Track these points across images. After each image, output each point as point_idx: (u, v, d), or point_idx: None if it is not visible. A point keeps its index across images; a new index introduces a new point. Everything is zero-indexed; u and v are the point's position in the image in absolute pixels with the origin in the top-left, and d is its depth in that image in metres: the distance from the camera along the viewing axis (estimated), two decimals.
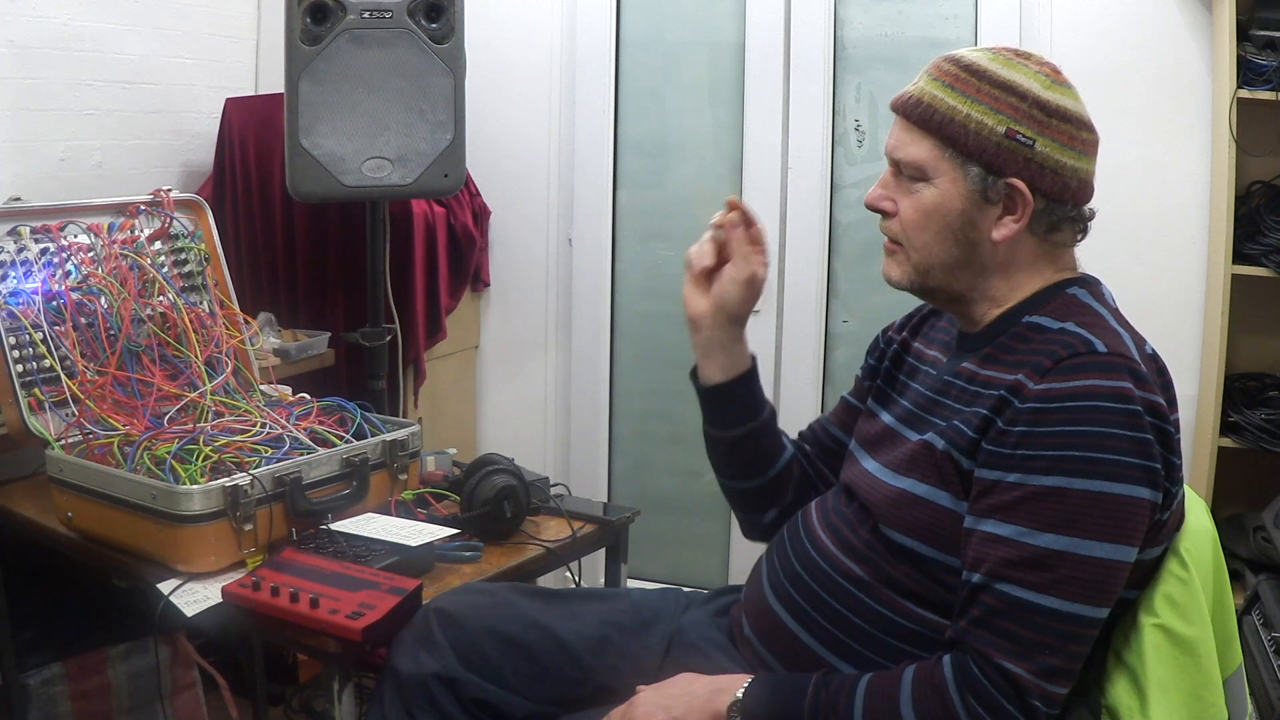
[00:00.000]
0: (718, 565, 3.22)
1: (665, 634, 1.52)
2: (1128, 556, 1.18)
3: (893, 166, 1.35)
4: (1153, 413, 1.18)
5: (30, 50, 2.56)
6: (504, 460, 1.87)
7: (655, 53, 3.15)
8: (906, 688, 1.20)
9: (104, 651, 2.25)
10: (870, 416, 1.50)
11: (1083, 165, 1.30)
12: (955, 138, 1.27)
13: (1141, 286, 2.70)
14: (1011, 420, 1.21)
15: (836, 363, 3.06)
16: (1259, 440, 2.47)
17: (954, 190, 1.28)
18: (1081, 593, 1.16)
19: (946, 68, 1.31)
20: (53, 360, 1.87)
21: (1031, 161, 1.26)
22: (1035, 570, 1.16)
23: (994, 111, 1.26)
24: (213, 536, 1.62)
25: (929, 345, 1.47)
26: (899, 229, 1.34)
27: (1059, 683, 1.17)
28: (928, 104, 1.29)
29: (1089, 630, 1.19)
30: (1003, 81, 1.27)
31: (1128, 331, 1.26)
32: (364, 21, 2.32)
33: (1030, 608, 1.16)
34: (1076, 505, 1.16)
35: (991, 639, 1.17)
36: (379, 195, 2.47)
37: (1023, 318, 1.30)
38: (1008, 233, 1.29)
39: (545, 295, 3.28)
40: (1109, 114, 2.67)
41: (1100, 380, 1.17)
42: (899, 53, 2.90)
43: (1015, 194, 1.27)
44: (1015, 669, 1.16)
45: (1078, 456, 1.16)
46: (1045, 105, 1.27)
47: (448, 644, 1.44)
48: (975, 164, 1.27)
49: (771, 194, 3.01)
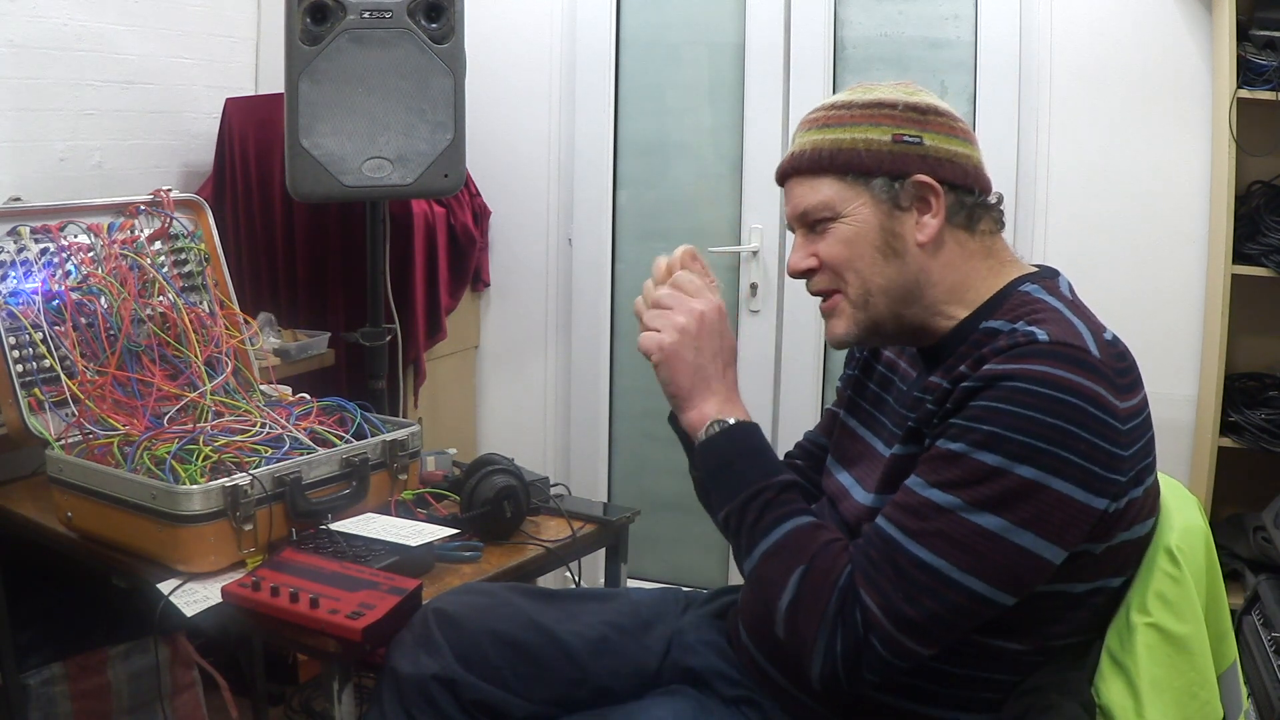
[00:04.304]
0: (718, 565, 3.22)
1: (665, 635, 1.52)
2: (1045, 551, 1.16)
3: (800, 228, 1.37)
4: (1095, 404, 1.15)
5: (30, 50, 2.56)
6: (504, 460, 1.87)
7: (655, 53, 3.15)
8: (810, 562, 1.21)
9: (104, 651, 2.25)
10: (844, 428, 1.50)
11: (972, 152, 1.34)
12: (850, 162, 1.31)
13: (1141, 286, 2.70)
14: (950, 397, 1.21)
15: (836, 363, 3.06)
16: (1259, 440, 2.47)
17: (866, 211, 1.31)
18: (961, 557, 1.15)
19: (813, 116, 1.37)
20: (53, 360, 1.87)
21: (926, 157, 1.30)
22: (914, 518, 1.17)
23: (874, 126, 1.31)
24: (212, 536, 1.62)
25: (899, 355, 1.47)
26: (829, 275, 1.35)
27: (911, 637, 1.16)
28: (812, 150, 1.34)
29: (961, 598, 1.16)
30: (869, 102, 1.33)
31: (1081, 319, 1.24)
32: (364, 21, 2.32)
33: (898, 549, 1.17)
34: (1007, 488, 1.14)
35: (863, 564, 1.19)
36: (379, 195, 2.47)
37: (980, 324, 1.29)
38: (931, 230, 1.30)
39: (545, 295, 3.28)
40: (1109, 114, 2.73)
41: (1040, 366, 1.16)
42: (899, 53, 2.90)
43: (923, 189, 1.30)
44: (868, 599, 1.17)
45: (1016, 440, 1.14)
46: (916, 107, 1.32)
47: (447, 644, 1.44)
48: (877, 177, 1.30)
49: (771, 194, 3.01)
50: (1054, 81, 2.73)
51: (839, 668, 1.18)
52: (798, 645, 1.21)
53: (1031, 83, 2.74)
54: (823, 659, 1.19)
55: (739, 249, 3.07)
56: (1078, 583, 1.23)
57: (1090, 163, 2.73)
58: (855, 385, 1.52)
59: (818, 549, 1.23)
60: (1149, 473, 1.25)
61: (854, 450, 1.45)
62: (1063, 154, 2.74)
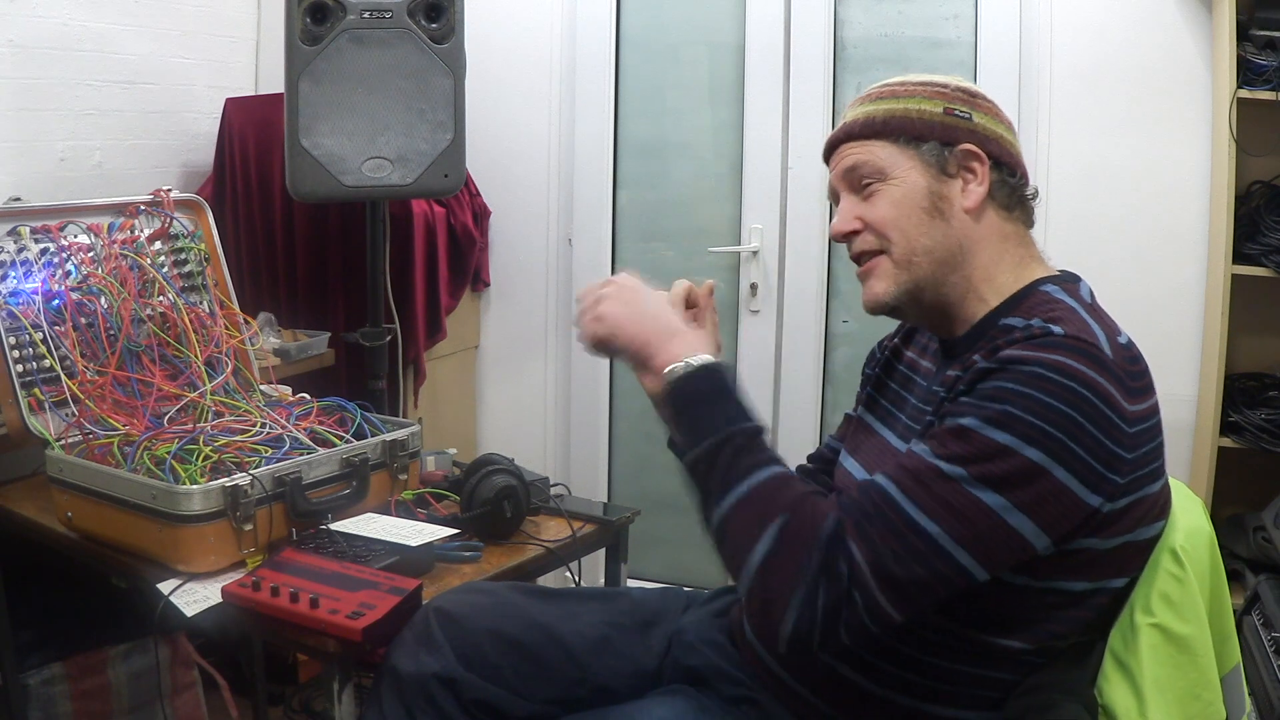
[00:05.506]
0: (718, 565, 3.21)
1: (665, 634, 1.52)
2: (1034, 537, 1.16)
3: (846, 191, 1.38)
4: (1105, 401, 1.16)
5: (30, 50, 2.56)
6: (504, 460, 1.87)
7: (655, 53, 3.15)
8: (791, 512, 1.19)
9: (104, 651, 2.25)
10: (860, 424, 1.50)
11: (1015, 140, 1.39)
12: (903, 127, 1.34)
13: (1141, 286, 2.70)
14: (961, 381, 1.21)
15: (836, 363, 3.06)
16: (1259, 440, 2.47)
17: (915, 174, 1.33)
18: (957, 527, 1.14)
19: (866, 93, 1.40)
20: (53, 360, 1.87)
21: (974, 132, 1.34)
22: (918, 482, 1.16)
23: (928, 99, 1.35)
24: (213, 536, 1.62)
25: (922, 355, 1.47)
26: (873, 236, 1.35)
27: (890, 598, 1.15)
28: (865, 118, 1.37)
29: (946, 568, 1.15)
30: (923, 80, 1.38)
31: (1097, 321, 1.25)
32: (364, 21, 2.32)
33: (896, 508, 1.16)
34: (1014, 468, 1.14)
35: (855, 515, 1.18)
36: (379, 195, 2.47)
37: (999, 320, 1.29)
38: (976, 198, 1.32)
39: (545, 295, 3.28)
40: (1109, 114, 2.72)
41: (1052, 354, 1.16)
42: (899, 53, 2.90)
43: (970, 157, 1.33)
44: (856, 552, 1.15)
45: (1028, 421, 1.14)
46: (965, 89, 1.37)
47: (448, 644, 1.44)
48: (927, 141, 1.33)
49: (771, 194, 3.01)
50: (1054, 81, 2.73)
51: (815, 625, 1.16)
52: (768, 600, 1.19)
53: (1031, 83, 2.74)
54: (798, 614, 1.16)
55: (739, 249, 3.07)
56: (1077, 581, 1.23)
57: (1090, 163, 2.73)
58: (876, 384, 1.52)
59: (796, 499, 1.20)
60: (1154, 479, 1.24)
61: (868, 443, 1.45)
62: (1063, 154, 2.74)
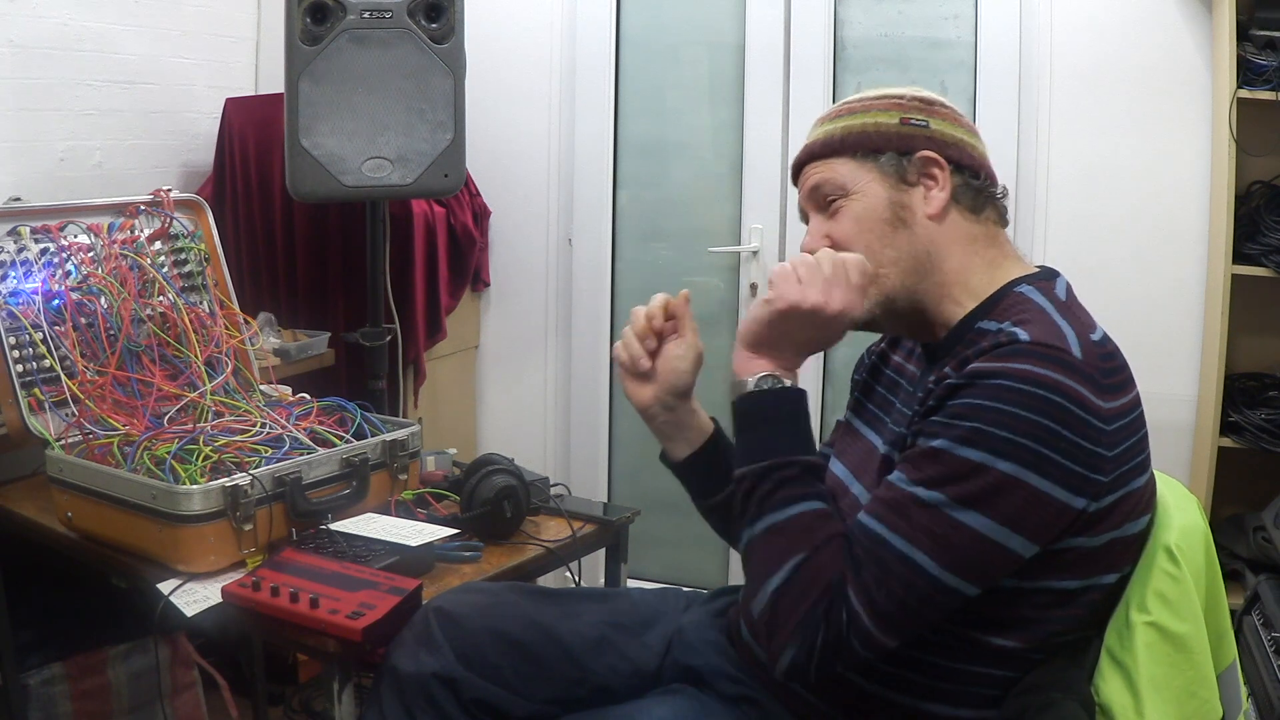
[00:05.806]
0: (718, 565, 3.22)
1: (665, 634, 1.52)
2: (1020, 547, 1.16)
3: (813, 211, 1.40)
4: (1077, 403, 1.16)
5: (30, 50, 2.56)
6: (504, 460, 1.87)
7: (655, 53, 3.15)
8: (812, 553, 1.20)
9: (104, 651, 2.25)
10: (848, 428, 1.51)
11: (977, 143, 1.39)
12: (860, 142, 1.35)
13: (1141, 286, 2.70)
14: (932, 395, 1.22)
15: (836, 363, 3.06)
16: (1259, 440, 2.47)
17: (875, 186, 1.34)
18: (942, 554, 1.15)
19: (825, 113, 1.42)
20: (53, 360, 1.87)
21: (932, 139, 1.35)
22: (898, 514, 1.17)
23: (883, 111, 1.36)
24: (212, 536, 1.62)
25: (908, 359, 1.47)
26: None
27: (884, 631, 1.17)
28: (824, 136, 1.38)
29: (934, 591, 1.17)
30: (879, 94, 1.39)
31: (1069, 319, 1.24)
32: (364, 21, 2.32)
33: (882, 545, 1.17)
34: (989, 484, 1.14)
35: (851, 565, 1.19)
36: (379, 195, 2.47)
37: (976, 324, 1.30)
38: (938, 204, 1.33)
39: (545, 295, 3.28)
40: (1109, 114, 2.72)
41: (1021, 364, 1.16)
42: (899, 53, 2.91)
43: (929, 164, 1.34)
44: (855, 601, 1.17)
45: (998, 435, 1.14)
46: (921, 98, 1.38)
47: (448, 644, 1.44)
48: (885, 153, 1.34)
49: (771, 194, 3.01)
50: (1054, 81, 2.73)
51: (811, 663, 1.19)
52: (773, 630, 1.21)
53: (1031, 83, 2.74)
54: (795, 651, 1.19)
55: (739, 249, 3.07)
56: (1069, 579, 1.23)
57: (1090, 163, 2.73)
58: (863, 389, 1.53)
59: (821, 542, 1.22)
60: (1139, 473, 1.24)
61: (855, 447, 1.46)
62: (1063, 154, 2.75)
